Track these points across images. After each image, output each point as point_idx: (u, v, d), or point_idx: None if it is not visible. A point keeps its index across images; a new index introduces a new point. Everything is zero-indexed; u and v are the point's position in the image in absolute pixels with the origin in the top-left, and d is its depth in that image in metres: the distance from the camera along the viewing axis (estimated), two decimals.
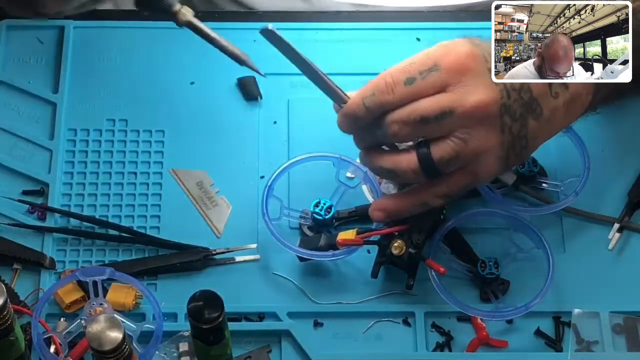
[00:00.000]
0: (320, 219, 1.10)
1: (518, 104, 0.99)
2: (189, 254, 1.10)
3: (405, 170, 1.01)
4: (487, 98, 0.98)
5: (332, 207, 1.10)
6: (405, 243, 1.05)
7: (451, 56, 0.99)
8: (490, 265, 1.08)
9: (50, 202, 1.12)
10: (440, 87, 0.99)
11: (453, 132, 0.99)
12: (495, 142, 0.99)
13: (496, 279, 1.08)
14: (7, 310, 0.96)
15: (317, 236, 1.09)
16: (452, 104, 0.98)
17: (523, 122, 0.99)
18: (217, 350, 1.00)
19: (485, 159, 1.00)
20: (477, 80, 0.98)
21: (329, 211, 1.10)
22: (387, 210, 1.05)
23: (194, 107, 1.19)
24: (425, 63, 0.99)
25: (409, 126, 0.99)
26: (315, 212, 1.10)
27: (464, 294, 1.08)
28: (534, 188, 1.13)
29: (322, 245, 1.08)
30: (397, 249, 1.05)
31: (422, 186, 1.03)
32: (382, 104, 1.00)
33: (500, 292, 1.08)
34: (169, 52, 1.22)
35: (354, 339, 1.07)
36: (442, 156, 0.99)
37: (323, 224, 1.10)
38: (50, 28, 1.22)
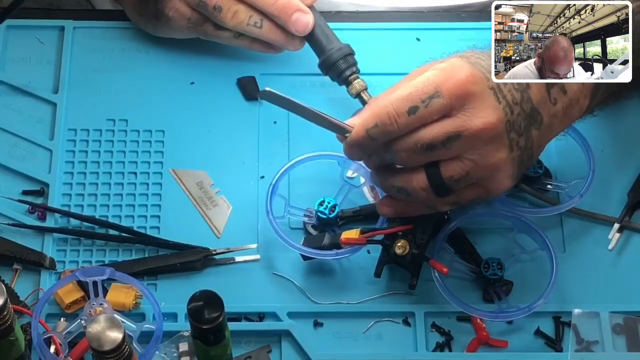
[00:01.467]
0: (325, 217, 1.10)
1: (521, 118, 0.99)
2: (189, 254, 1.10)
3: (415, 188, 1.01)
4: (492, 119, 0.98)
5: (336, 206, 1.10)
6: (409, 243, 1.05)
7: (452, 81, 0.98)
8: (493, 265, 1.08)
9: (50, 202, 1.12)
10: (444, 112, 0.98)
11: (462, 154, 0.99)
12: (505, 159, 0.99)
13: (499, 279, 1.08)
14: (7, 310, 0.96)
15: (321, 235, 1.09)
16: (458, 129, 0.98)
17: (528, 135, 1.00)
18: (217, 350, 1.00)
19: (497, 175, 1.00)
20: (480, 102, 0.98)
21: (333, 210, 1.10)
22: (395, 206, 1.05)
23: (194, 107, 1.19)
24: (427, 90, 0.98)
25: (417, 153, 0.99)
26: (320, 211, 1.10)
27: (467, 295, 1.08)
28: (539, 189, 1.13)
29: (326, 244, 1.08)
30: (401, 248, 1.05)
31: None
32: (387, 134, 0.99)
33: (503, 293, 1.08)
34: (169, 52, 1.21)
35: (354, 339, 1.07)
36: (451, 176, 0.99)
37: (327, 222, 1.10)
38: (50, 28, 1.22)
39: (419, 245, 1.06)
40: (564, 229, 1.12)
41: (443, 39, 1.23)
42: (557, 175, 1.14)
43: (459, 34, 1.23)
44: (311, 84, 1.20)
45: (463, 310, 1.06)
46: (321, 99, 1.18)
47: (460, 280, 1.09)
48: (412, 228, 1.06)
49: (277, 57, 1.21)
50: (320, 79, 1.19)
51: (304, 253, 1.08)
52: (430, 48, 1.22)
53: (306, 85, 1.20)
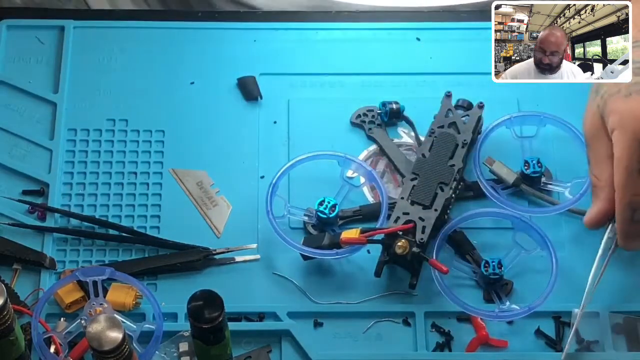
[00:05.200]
0: (325, 217, 1.10)
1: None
2: (189, 254, 1.10)
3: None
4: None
5: (336, 205, 1.10)
6: (409, 242, 1.05)
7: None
8: (493, 265, 1.08)
9: (50, 202, 1.12)
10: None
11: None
12: None
13: (499, 279, 1.08)
14: (7, 310, 0.96)
15: (321, 235, 1.09)
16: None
17: None
18: (217, 350, 1.00)
19: None
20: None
21: (333, 210, 1.10)
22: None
23: (194, 107, 1.19)
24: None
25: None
26: (320, 211, 1.10)
27: (467, 294, 1.08)
28: (539, 189, 1.13)
29: (326, 243, 1.08)
30: (401, 248, 1.05)
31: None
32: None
33: (503, 293, 1.08)
34: (169, 52, 1.22)
35: (354, 339, 1.07)
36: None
37: (327, 222, 1.10)
38: (50, 28, 1.22)
39: (419, 245, 1.06)
40: (564, 229, 1.12)
41: (443, 39, 1.23)
42: (557, 175, 1.14)
43: (459, 34, 1.23)
44: (311, 84, 1.20)
45: (463, 310, 1.06)
46: (321, 99, 1.18)
47: (460, 279, 1.09)
48: (412, 228, 1.06)
49: (277, 57, 1.21)
50: (320, 79, 1.19)
51: (303, 253, 1.08)
52: (430, 48, 1.22)
53: (306, 85, 1.20)
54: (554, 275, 1.07)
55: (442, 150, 1.11)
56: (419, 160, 1.11)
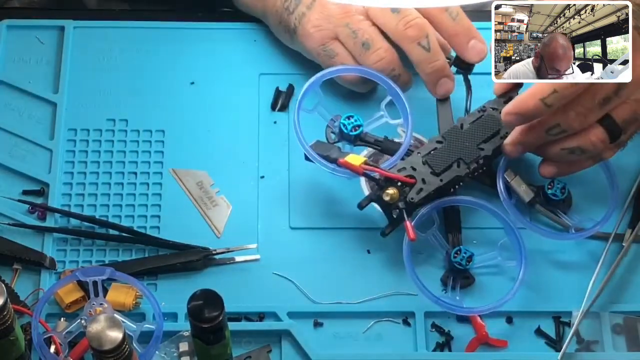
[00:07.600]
0: (345, 132, 1.09)
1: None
2: (189, 254, 1.10)
3: (594, 142, 1.04)
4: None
5: (360, 126, 1.09)
6: (400, 195, 1.05)
7: None
8: (463, 256, 1.07)
9: (50, 202, 1.12)
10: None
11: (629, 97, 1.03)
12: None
13: (463, 271, 1.08)
14: (7, 310, 0.96)
15: (331, 146, 1.09)
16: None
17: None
18: (217, 350, 1.00)
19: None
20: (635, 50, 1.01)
21: (355, 129, 1.09)
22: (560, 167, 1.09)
23: (194, 107, 1.19)
24: None
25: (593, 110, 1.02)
26: (343, 123, 1.09)
27: (431, 272, 1.09)
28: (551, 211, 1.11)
29: (332, 157, 1.08)
30: (389, 196, 1.05)
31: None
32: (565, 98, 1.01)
33: (460, 285, 1.08)
34: (169, 52, 1.22)
35: (354, 339, 1.07)
36: (624, 119, 1.04)
37: (345, 137, 1.10)
38: (50, 28, 1.22)
39: (407, 203, 1.05)
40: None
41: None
42: (578, 204, 1.13)
43: None
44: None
45: (412, 281, 1.05)
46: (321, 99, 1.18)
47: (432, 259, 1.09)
48: (412, 183, 1.05)
49: (276, 57, 1.21)
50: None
51: (308, 154, 1.08)
52: None
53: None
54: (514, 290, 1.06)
55: (480, 131, 1.10)
56: (454, 128, 1.10)
